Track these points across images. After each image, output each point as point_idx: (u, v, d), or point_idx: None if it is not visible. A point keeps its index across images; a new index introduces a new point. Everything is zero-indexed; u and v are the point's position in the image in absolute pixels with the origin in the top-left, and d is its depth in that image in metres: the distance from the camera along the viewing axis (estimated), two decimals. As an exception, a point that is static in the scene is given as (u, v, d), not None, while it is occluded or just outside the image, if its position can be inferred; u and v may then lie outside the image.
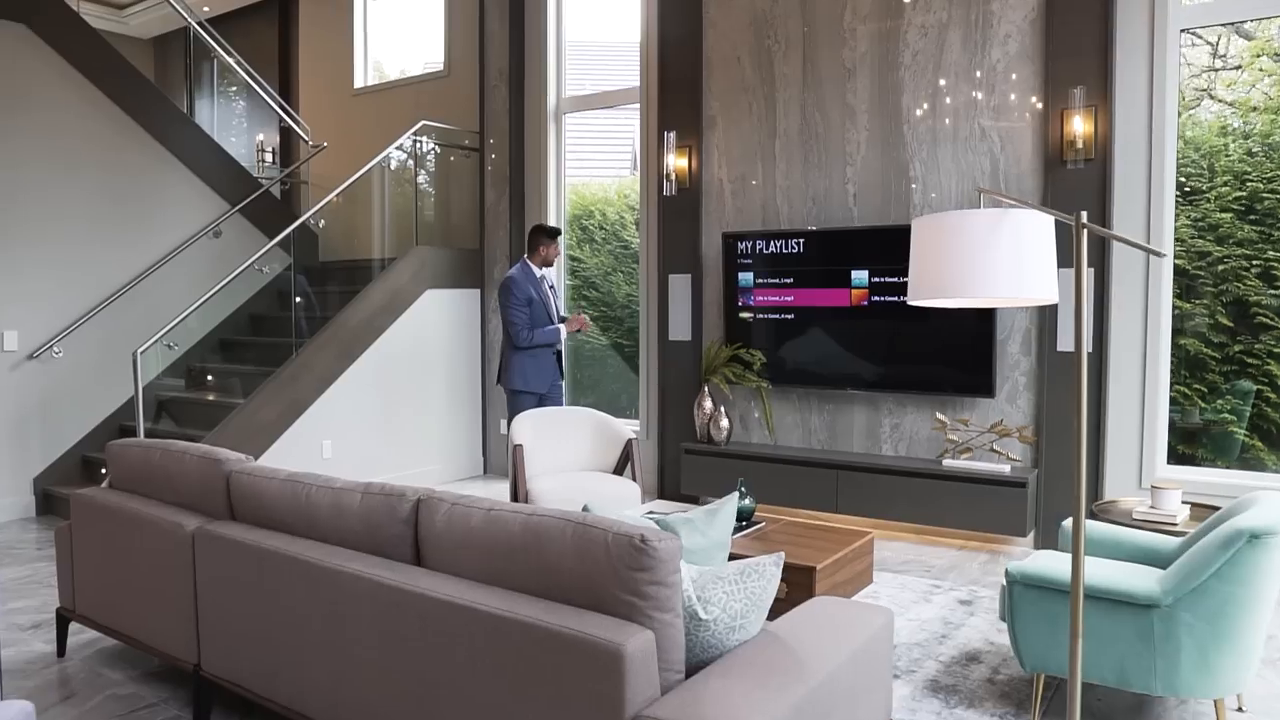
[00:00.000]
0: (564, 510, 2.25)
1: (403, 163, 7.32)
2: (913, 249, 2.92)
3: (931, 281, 2.79)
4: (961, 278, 2.70)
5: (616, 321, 7.35)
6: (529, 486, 4.76)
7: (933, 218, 2.81)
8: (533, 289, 5.69)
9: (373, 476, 6.34)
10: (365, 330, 6.33)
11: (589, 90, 7.02)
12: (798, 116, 5.74)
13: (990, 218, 2.69)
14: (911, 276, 2.92)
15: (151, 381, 6.30)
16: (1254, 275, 4.99)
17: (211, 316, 6.84)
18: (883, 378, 5.44)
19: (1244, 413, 5.53)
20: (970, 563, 4.85)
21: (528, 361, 5.68)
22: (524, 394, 5.69)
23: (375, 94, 8.35)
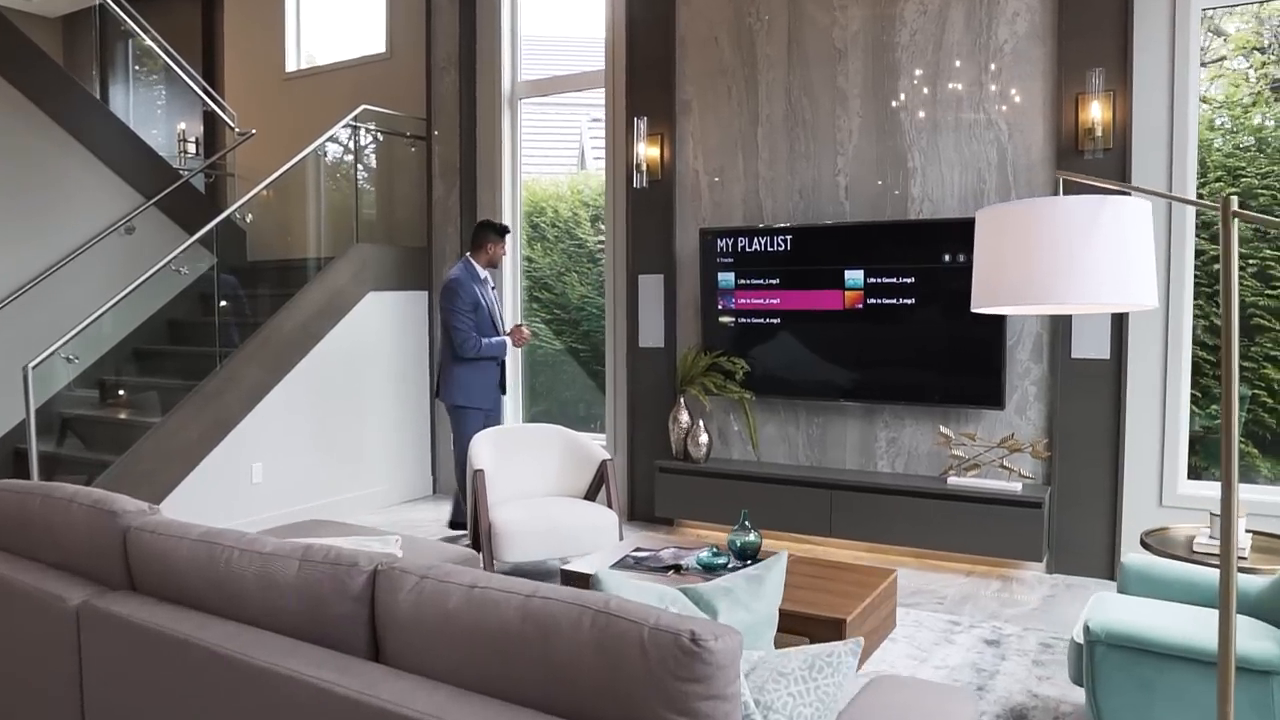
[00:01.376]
0: (577, 592, 1.69)
1: (340, 156, 6.65)
2: (979, 246, 2.41)
3: (1007, 286, 2.28)
4: (1049, 281, 2.19)
5: (571, 325, 6.80)
6: (493, 518, 4.17)
7: (1006, 207, 2.31)
8: (479, 292, 5.11)
9: (310, 502, 5.69)
10: (300, 338, 5.66)
11: (547, 74, 6.42)
12: (782, 101, 5.23)
13: (1087, 206, 2.18)
14: (978, 279, 2.41)
15: (56, 396, 5.56)
16: (1249, 275, 4.66)
17: (125, 323, 6.10)
18: (879, 388, 4.97)
19: (1241, 420, 5.21)
20: (983, 591, 4.39)
21: (472, 374, 5.12)
22: (469, 410, 5.13)
23: (309, 79, 7.64)
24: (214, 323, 5.51)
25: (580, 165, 7.54)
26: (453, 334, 5.07)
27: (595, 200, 6.62)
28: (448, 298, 5.09)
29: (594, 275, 6.56)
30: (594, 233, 6.61)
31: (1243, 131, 4.92)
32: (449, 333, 5.11)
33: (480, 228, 5.26)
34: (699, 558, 3.39)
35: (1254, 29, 4.87)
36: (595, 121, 7.35)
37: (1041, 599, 4.29)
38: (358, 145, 6.58)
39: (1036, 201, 2.23)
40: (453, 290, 5.07)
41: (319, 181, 6.72)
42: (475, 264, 5.19)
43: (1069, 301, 2.17)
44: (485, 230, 5.24)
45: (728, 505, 5.15)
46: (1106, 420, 4.51)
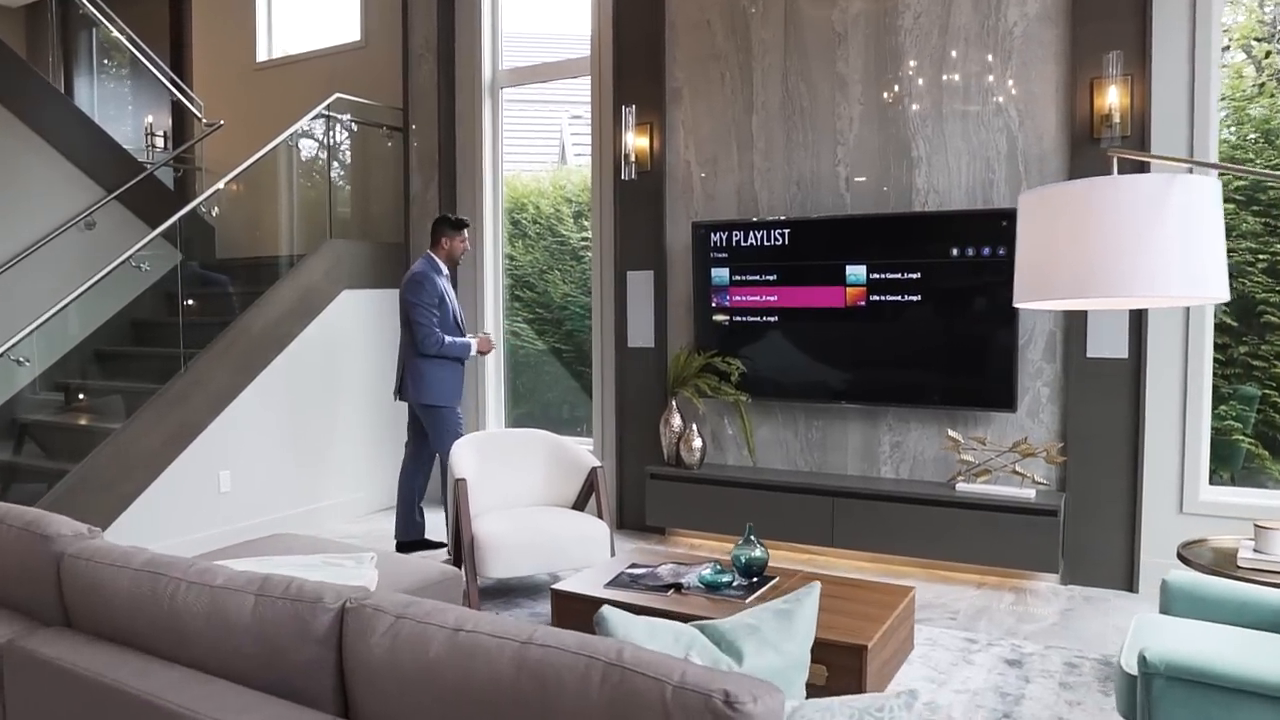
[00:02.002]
0: (582, 638, 1.42)
1: (313, 148, 6.34)
2: (1023, 233, 2.15)
3: (1059, 277, 2.03)
4: (1111, 271, 1.94)
5: (554, 324, 6.52)
6: (476, 531, 3.89)
7: (1058, 189, 2.05)
8: (444, 288, 4.85)
9: (282, 511, 5.38)
10: (270, 338, 5.35)
11: (529, 62, 6.14)
12: (779, 88, 4.98)
13: (1155, 185, 1.94)
14: (1022, 270, 2.16)
15: (16, 399, 5.24)
16: (1260, 271, 4.45)
17: (85, 323, 5.77)
18: (882, 389, 4.72)
19: (1249, 419, 5.02)
20: (996, 605, 4.15)
21: (441, 370, 4.84)
22: (445, 409, 4.84)
23: (281, 69, 7.32)
24: (180, 323, 5.18)
25: (561, 160, 7.27)
26: (414, 329, 4.78)
27: (578, 196, 6.35)
28: (412, 290, 4.80)
29: (577, 273, 6.29)
30: (577, 229, 6.35)
31: (1247, 124, 4.72)
32: (410, 328, 4.82)
33: (436, 223, 5.00)
34: (701, 575, 3.13)
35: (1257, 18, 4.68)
36: (576, 118, 7.10)
37: (1059, 613, 4.06)
38: (331, 136, 6.27)
39: (1096, 181, 1.98)
40: (417, 282, 4.79)
41: (291, 175, 6.40)
42: (437, 260, 4.92)
43: (1134, 294, 1.92)
44: (441, 225, 4.98)
45: (723, 514, 4.89)
46: (1124, 423, 4.28)
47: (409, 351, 4.87)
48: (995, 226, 4.37)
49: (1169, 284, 1.88)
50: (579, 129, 7.10)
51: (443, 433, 4.79)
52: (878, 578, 4.47)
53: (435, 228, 4.98)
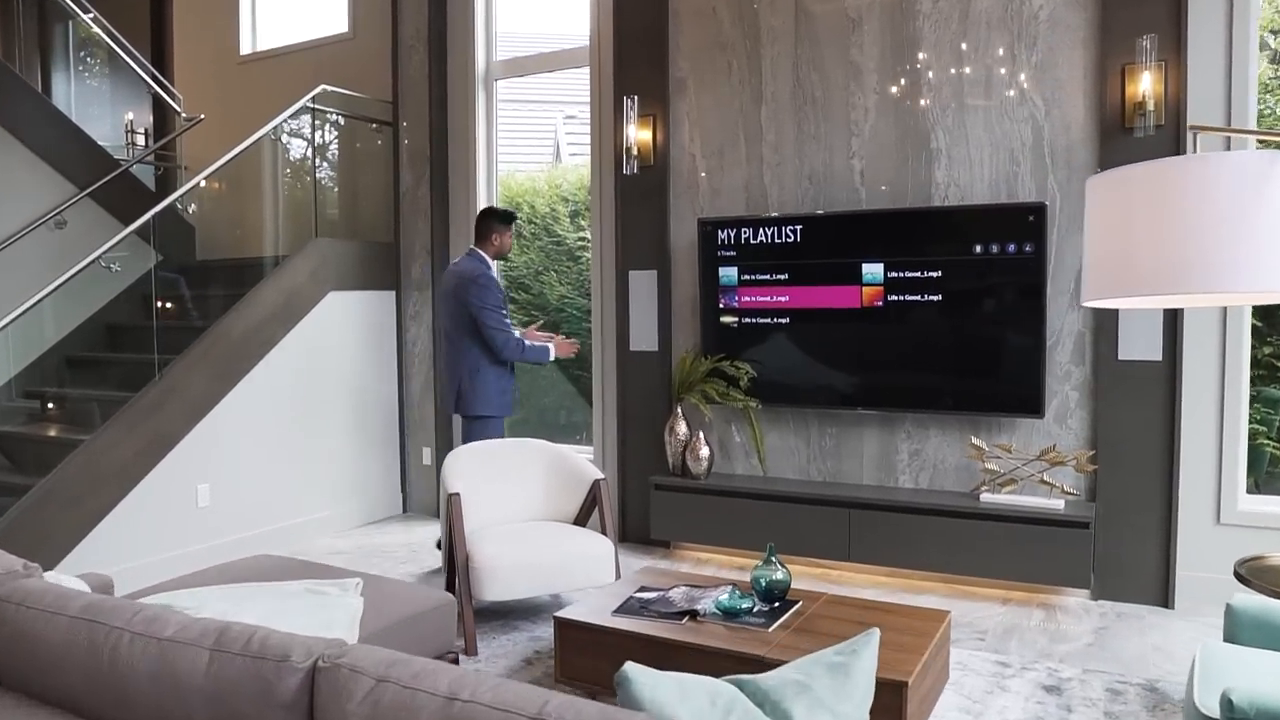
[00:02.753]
0: (605, 712, 1.15)
1: (300, 145, 6.06)
2: (1091, 222, 1.89)
3: (1139, 271, 1.77)
4: (1206, 263, 1.68)
5: (551, 327, 6.23)
6: (471, 550, 3.61)
7: (1135, 170, 1.78)
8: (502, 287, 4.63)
9: (264, 526, 5.09)
10: (252, 343, 5.07)
11: (525, 52, 5.87)
12: (789, 78, 4.72)
13: (1255, 164, 1.68)
14: (1091, 264, 1.90)
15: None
16: None
17: (57, 327, 5.48)
18: (900, 394, 4.46)
19: (1273, 422, 4.81)
20: (1026, 623, 3.90)
21: (501, 380, 4.59)
22: (495, 420, 4.59)
23: (265, 61, 7.03)
24: (154, 327, 4.89)
25: (556, 159, 7.02)
26: (488, 334, 4.45)
27: (575, 195, 6.09)
28: (475, 293, 4.46)
29: (574, 274, 6.02)
30: (573, 229, 6.08)
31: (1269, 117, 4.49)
32: (477, 334, 4.48)
33: (484, 216, 4.71)
34: (719, 601, 2.86)
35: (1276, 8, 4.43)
36: (570, 118, 6.86)
37: (1093, 631, 3.80)
38: (316, 131, 5.99)
39: (1182, 161, 1.72)
40: (480, 284, 4.47)
41: (276, 172, 6.12)
42: (486, 257, 4.64)
43: (1235, 288, 1.66)
44: (489, 219, 4.68)
45: (732, 527, 4.63)
46: (1158, 429, 4.03)
47: (470, 361, 4.53)
48: (1021, 221, 4.12)
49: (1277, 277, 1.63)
50: (574, 128, 6.86)
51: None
52: (897, 594, 4.22)
53: (483, 221, 4.69)
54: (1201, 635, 3.73)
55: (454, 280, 4.61)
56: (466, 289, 4.49)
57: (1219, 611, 3.99)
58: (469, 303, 4.47)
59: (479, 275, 4.51)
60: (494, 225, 4.65)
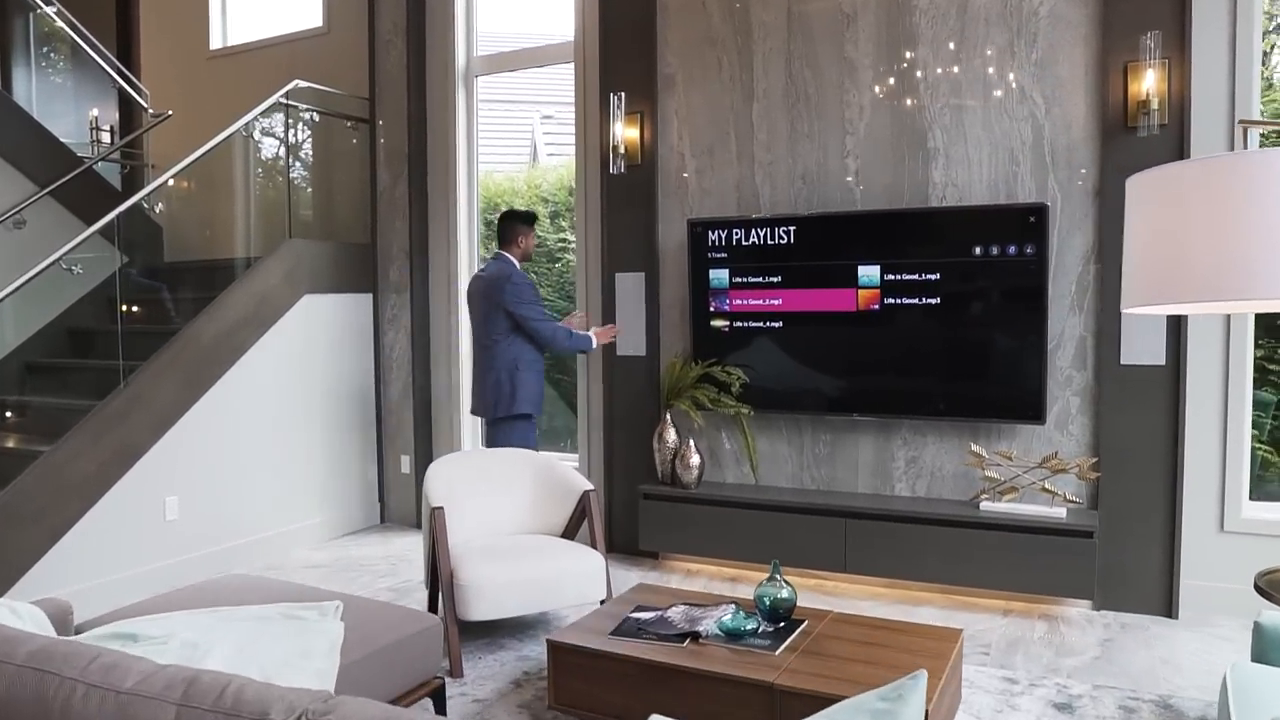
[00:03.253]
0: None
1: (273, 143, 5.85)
2: (1134, 223, 1.76)
3: (1195, 276, 1.64)
4: (1263, 266, 1.56)
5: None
6: (456, 567, 3.44)
7: (1187, 166, 1.65)
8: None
9: (236, 539, 4.88)
10: (223, 348, 4.86)
11: (507, 47, 5.70)
12: (781, 74, 4.59)
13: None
14: (1135, 267, 1.76)
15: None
16: None
17: (19, 331, 5.25)
18: (897, 400, 4.34)
19: (1264, 426, 4.73)
20: (1029, 635, 3.78)
21: (533, 378, 4.56)
22: (522, 419, 4.55)
23: (237, 57, 6.81)
24: (119, 331, 4.68)
25: (533, 160, 6.85)
26: (533, 328, 4.44)
27: (554, 195, 5.93)
28: (512, 292, 4.42)
29: (553, 276, 5.86)
30: (554, 230, 5.92)
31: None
32: (514, 333, 4.46)
33: (506, 219, 4.64)
34: (722, 622, 2.71)
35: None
36: (547, 119, 6.70)
37: (1099, 644, 3.69)
38: (290, 128, 5.79)
39: (1242, 158, 1.60)
40: (516, 283, 4.44)
41: (249, 170, 5.91)
42: (514, 260, 4.56)
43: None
44: (512, 221, 4.61)
45: (723, 537, 4.49)
46: (1162, 434, 3.94)
47: (508, 359, 4.49)
48: (1021, 223, 4.01)
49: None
50: (551, 129, 6.71)
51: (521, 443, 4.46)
52: (895, 606, 4.10)
53: (506, 225, 4.62)
54: (1208, 647, 3.64)
55: (483, 284, 4.56)
56: (500, 290, 4.44)
57: (1224, 621, 3.92)
58: (503, 303, 4.43)
59: (511, 274, 4.46)
60: (518, 228, 4.58)
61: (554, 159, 6.57)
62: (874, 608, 4.11)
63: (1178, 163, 1.66)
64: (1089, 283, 4.04)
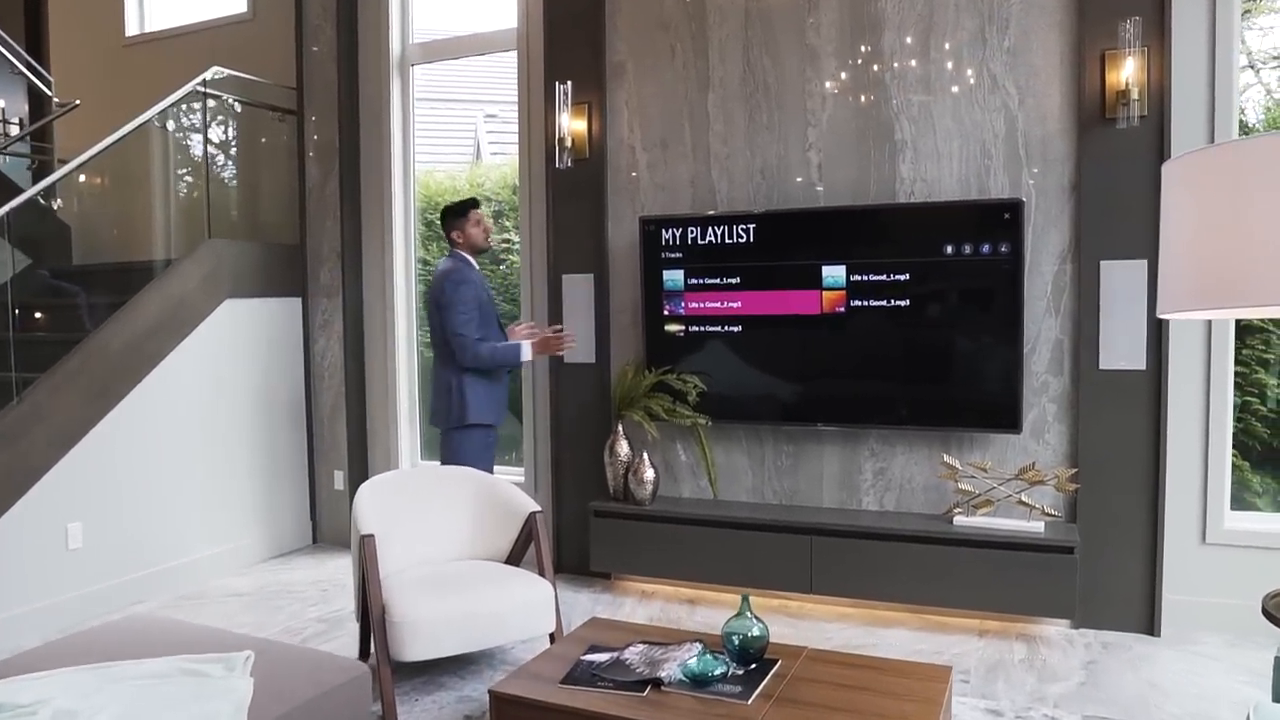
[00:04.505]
0: None
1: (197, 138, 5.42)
2: (1173, 215, 1.49)
3: (1259, 277, 1.39)
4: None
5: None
6: (389, 601, 3.09)
7: (1243, 148, 1.39)
8: (481, 286, 4.14)
9: (150, 567, 4.43)
10: (135, 358, 4.45)
11: (446, 35, 5.35)
12: (739, 62, 4.31)
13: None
14: (1175, 267, 1.50)
15: None
16: None
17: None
18: (864, 408, 4.09)
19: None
20: (1009, 658, 3.55)
21: (489, 387, 4.12)
22: (478, 429, 4.10)
23: (154, 44, 6.36)
24: (10, 340, 4.23)
25: (476, 158, 6.51)
26: (453, 337, 4.01)
27: (497, 194, 5.58)
28: (448, 290, 4.01)
29: (496, 278, 5.52)
30: (497, 231, 5.58)
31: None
32: (449, 336, 4.04)
33: (445, 213, 4.26)
34: (686, 666, 2.41)
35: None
36: (491, 117, 6.38)
37: (1083, 667, 3.47)
38: (209, 119, 5.36)
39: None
40: (454, 282, 4.02)
41: (166, 165, 5.47)
42: (466, 255, 4.16)
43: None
44: (446, 217, 4.24)
45: (681, 556, 4.20)
46: (1143, 443, 3.74)
47: (443, 367, 4.12)
48: (996, 220, 3.78)
49: None
50: (495, 127, 6.38)
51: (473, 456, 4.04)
52: (864, 628, 3.85)
53: (443, 220, 4.26)
54: (1195, 668, 3.44)
55: (435, 279, 4.17)
56: (440, 288, 4.07)
57: (1207, 638, 3.72)
58: (441, 301, 4.05)
59: (452, 272, 4.07)
60: (451, 222, 4.20)
61: (497, 157, 6.23)
62: (841, 630, 3.85)
63: (1234, 141, 1.40)
64: (1065, 283, 3.83)
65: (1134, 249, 3.68)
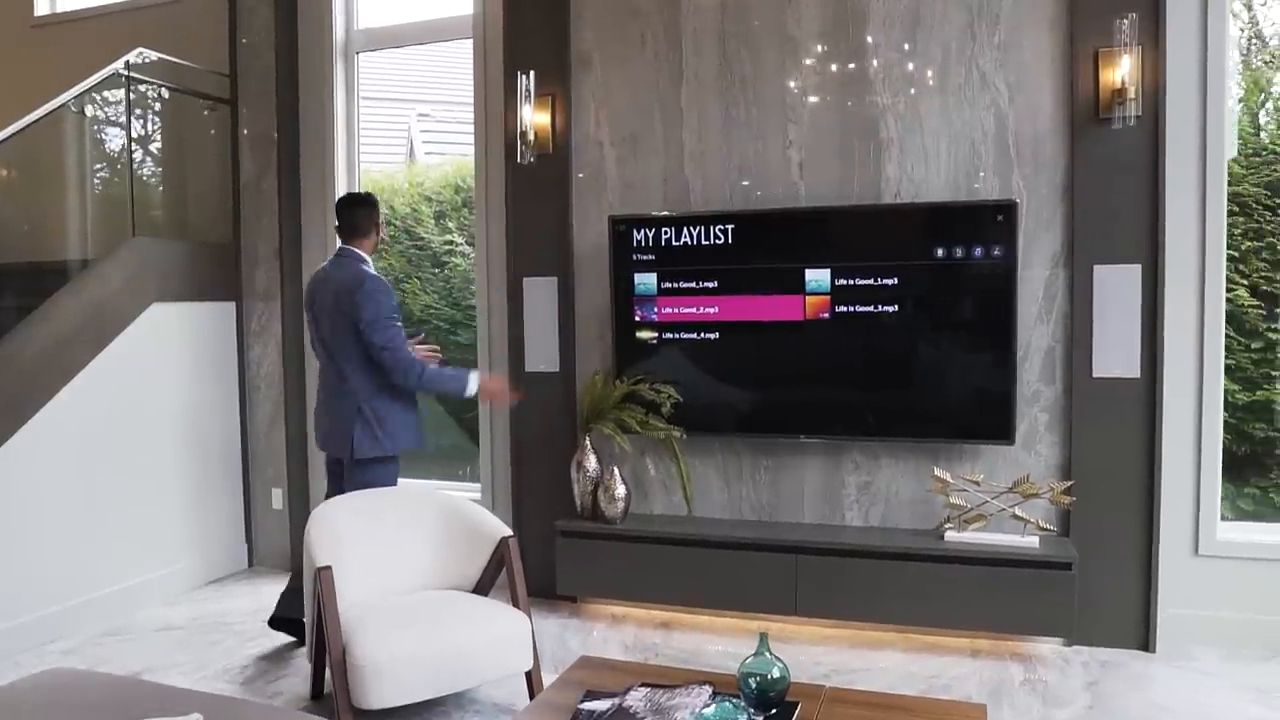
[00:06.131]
0: None
1: (119, 127, 4.97)
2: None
3: None
4: None
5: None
6: (349, 641, 2.76)
7: None
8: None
9: (70, 600, 3.97)
10: (49, 368, 4.02)
11: (394, 21, 5.01)
12: (714, 53, 4.08)
13: None
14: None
15: None
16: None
17: None
18: (848, 419, 3.89)
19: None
20: (1009, 680, 3.38)
21: (400, 408, 3.64)
22: (394, 460, 3.66)
23: (67, 26, 5.86)
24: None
25: (410, 157, 6.18)
26: (379, 355, 3.50)
27: (439, 193, 5.27)
28: (372, 298, 3.48)
29: (439, 281, 5.20)
30: (439, 231, 5.27)
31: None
32: (368, 354, 3.53)
33: (351, 204, 3.78)
34: (702, 717, 2.16)
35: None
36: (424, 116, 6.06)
37: (1085, 688, 3.32)
38: (132, 106, 4.93)
39: None
40: (371, 291, 3.50)
41: (83, 157, 5.02)
42: (365, 254, 3.73)
43: None
44: (364, 206, 3.75)
45: (654, 578, 3.95)
46: (1137, 453, 3.61)
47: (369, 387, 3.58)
48: (988, 222, 3.62)
49: None
50: (429, 126, 6.07)
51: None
52: (854, 651, 3.66)
53: (354, 211, 3.73)
54: (1196, 685, 3.33)
55: (329, 291, 3.63)
56: (352, 298, 3.52)
57: (1202, 653, 3.59)
58: (367, 315, 3.49)
59: (365, 280, 3.55)
60: (365, 214, 3.73)
61: (431, 157, 5.91)
62: (830, 654, 3.65)
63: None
64: (1058, 288, 3.69)
65: (1128, 253, 3.56)
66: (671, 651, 3.72)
